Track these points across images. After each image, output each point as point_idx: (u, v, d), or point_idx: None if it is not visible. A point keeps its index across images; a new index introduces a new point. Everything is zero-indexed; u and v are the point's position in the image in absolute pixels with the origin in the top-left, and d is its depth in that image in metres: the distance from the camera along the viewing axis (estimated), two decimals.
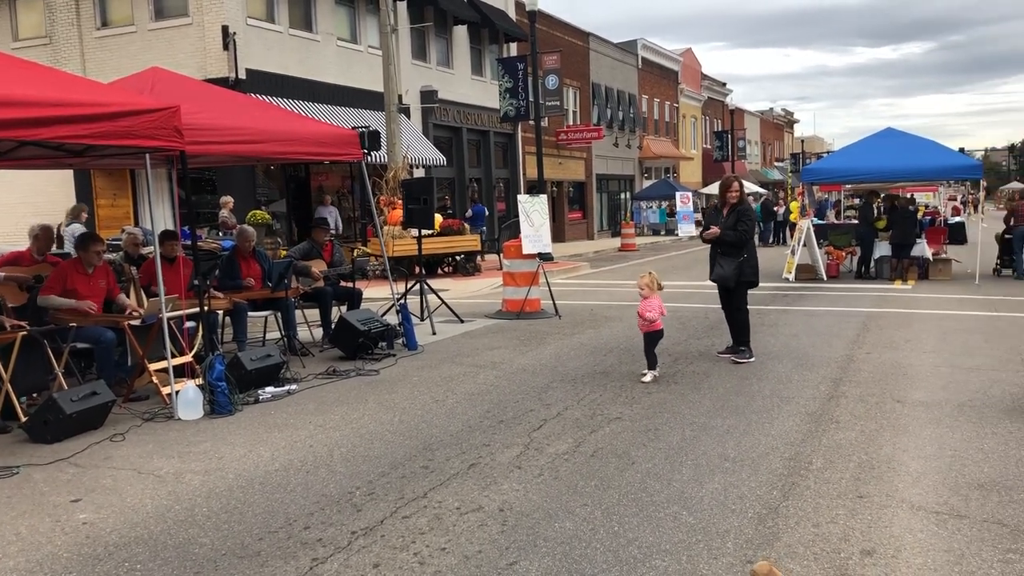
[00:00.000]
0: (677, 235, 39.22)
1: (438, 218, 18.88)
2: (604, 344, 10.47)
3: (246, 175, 19.54)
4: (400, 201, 14.67)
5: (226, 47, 19.08)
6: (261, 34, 20.14)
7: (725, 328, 9.68)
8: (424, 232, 12.63)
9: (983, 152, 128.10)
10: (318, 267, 10.78)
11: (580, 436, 6.40)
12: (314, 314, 10.96)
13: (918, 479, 5.31)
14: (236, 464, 5.92)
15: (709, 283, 9.75)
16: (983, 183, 21.68)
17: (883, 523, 4.61)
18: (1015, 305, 13.41)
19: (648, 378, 8.28)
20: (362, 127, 11.79)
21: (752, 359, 9.15)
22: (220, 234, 15.52)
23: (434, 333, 11.34)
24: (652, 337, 8.44)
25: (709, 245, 9.41)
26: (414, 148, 22.57)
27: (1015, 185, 71.91)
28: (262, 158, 11.01)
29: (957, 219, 31.26)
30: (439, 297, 12.56)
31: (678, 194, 40.82)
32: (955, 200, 42.18)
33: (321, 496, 5.21)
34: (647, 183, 46.12)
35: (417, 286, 12.20)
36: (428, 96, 25.68)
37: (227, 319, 9.94)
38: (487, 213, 26.26)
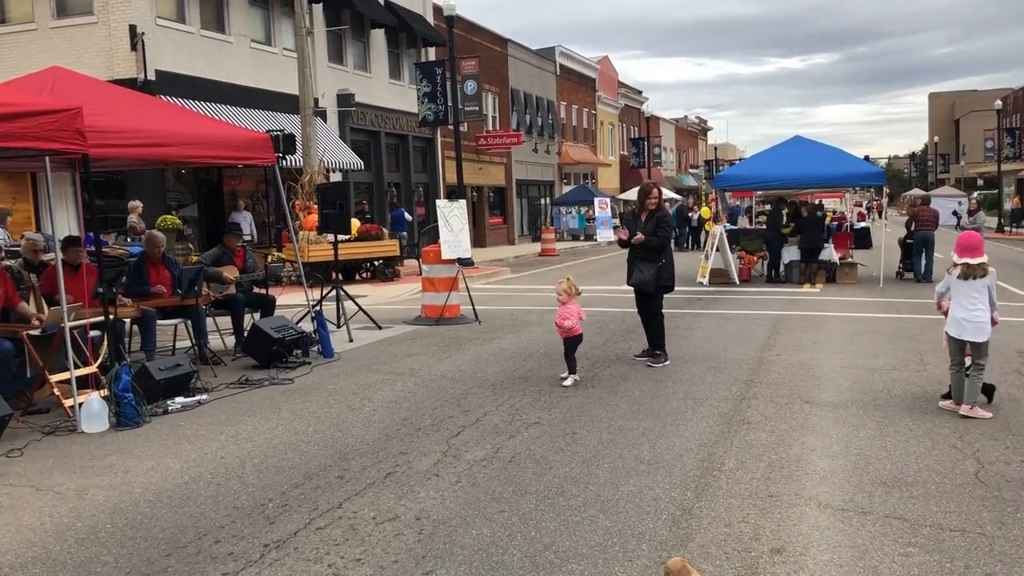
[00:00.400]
0: (596, 240, 39.67)
1: (356, 223, 18.67)
2: (524, 349, 10.49)
3: (156, 179, 18.98)
4: (316, 206, 14.44)
5: (134, 47, 18.51)
6: (171, 34, 19.60)
7: (642, 332, 9.81)
8: (341, 237, 12.46)
9: (887, 160, 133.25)
10: (230, 273, 10.52)
11: (498, 442, 6.39)
12: (226, 322, 10.70)
13: (825, 477, 5.47)
14: (143, 478, 5.72)
15: (627, 287, 9.87)
16: (886, 190, 22.53)
17: (792, 521, 4.73)
18: (916, 307, 13.96)
19: (568, 382, 8.34)
20: (276, 131, 11.57)
21: (667, 363, 9.30)
22: (128, 240, 15.03)
23: (351, 340, 11.19)
24: (571, 342, 8.50)
25: (627, 250, 9.52)
26: (331, 152, 22.28)
27: (916, 191, 75.02)
28: (171, 162, 10.70)
29: (863, 224, 32.36)
30: (356, 303, 12.40)
31: (596, 200, 41.32)
32: (861, 206, 43.80)
33: (232, 509, 5.07)
34: (566, 189, 46.54)
35: (333, 292, 12.02)
36: (345, 99, 25.40)
37: (135, 328, 9.62)
38: (408, 218, 26.09)
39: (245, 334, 10.10)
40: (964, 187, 64.36)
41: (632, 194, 47.80)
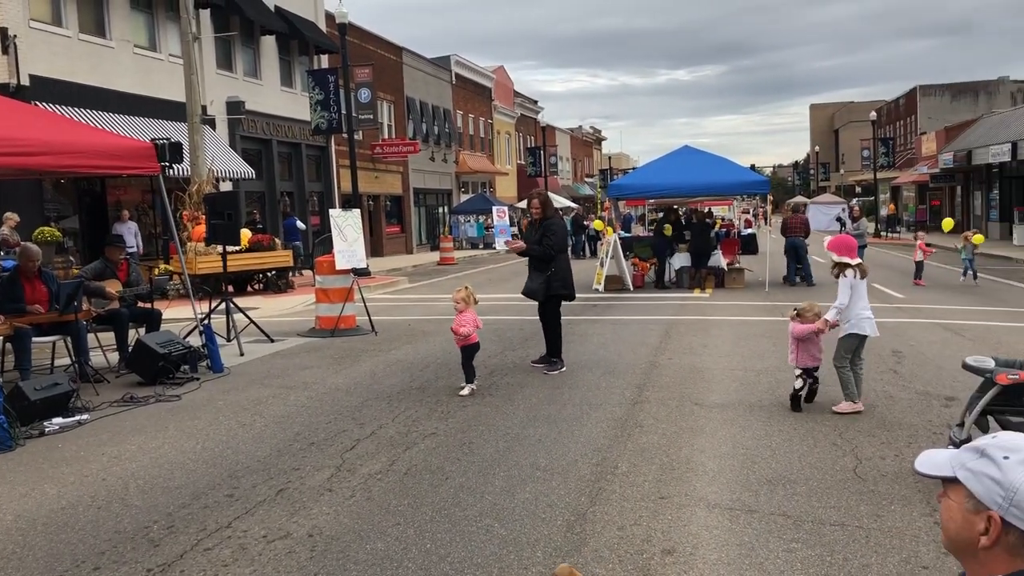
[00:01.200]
0: (495, 249, 39.83)
1: (246, 233, 18.23)
2: (421, 359, 10.43)
3: (32, 189, 18.04)
4: (204, 216, 14.01)
5: (5, 51, 17.57)
6: (47, 38, 18.70)
7: (541, 339, 9.89)
8: (230, 248, 12.12)
9: (772, 168, 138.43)
10: (113, 287, 10.09)
11: (394, 454, 6.32)
12: (109, 337, 10.26)
13: (714, 478, 5.62)
14: (15, 504, 5.41)
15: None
16: (770, 197, 23.40)
17: (682, 522, 4.84)
18: None
19: (465, 391, 8.32)
20: (162, 139, 11.15)
21: (563, 369, 9.40)
22: (2, 253, 14.24)
23: (242, 354, 10.89)
24: (468, 351, 8.50)
25: (527, 258, 9.59)
26: (220, 161, 21.67)
27: (800, 199, 78.26)
28: (47, 171, 10.20)
29: (749, 231, 33.59)
30: (247, 316, 12.08)
31: (495, 208, 41.48)
32: (748, 213, 45.35)
33: (114, 533, 4.86)
34: (464, 197, 46.58)
35: (223, 305, 11.68)
36: (235, 107, 24.77)
37: (7, 346, 9.12)
38: (302, 227, 25.61)
39: (129, 350, 9.70)
40: (844, 194, 67.48)
41: None
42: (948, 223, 22.74)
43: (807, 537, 4.57)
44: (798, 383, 7.41)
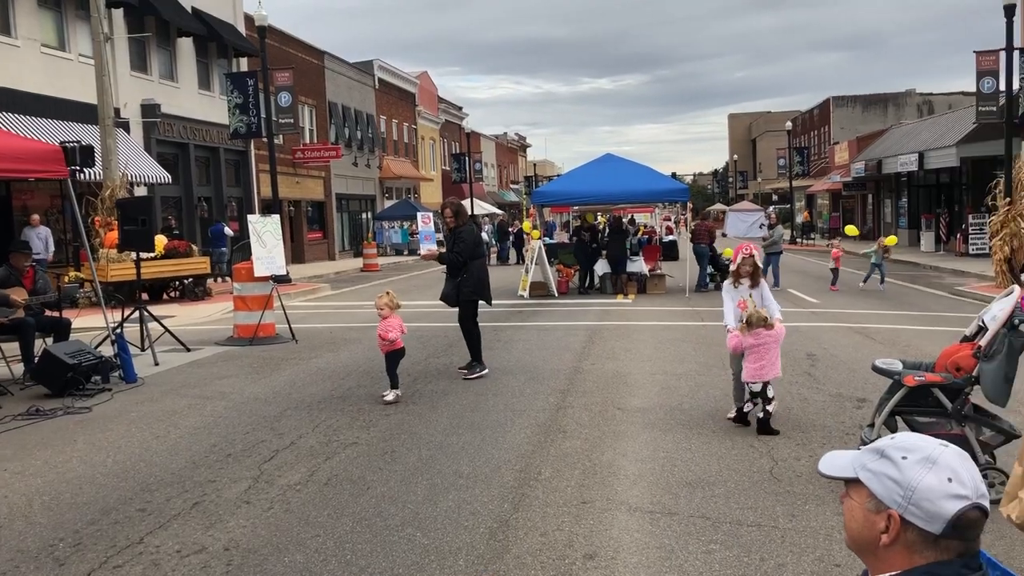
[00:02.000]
0: (420, 255, 39.58)
1: (162, 239, 17.73)
2: (343, 367, 10.28)
3: None
4: (117, 222, 13.57)
5: None
6: None
7: (464, 345, 9.86)
8: (145, 255, 11.76)
9: (692, 176, 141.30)
10: (18, 296, 9.68)
11: (314, 464, 6.21)
12: (13, 348, 9.83)
13: (635, 481, 5.68)
14: None
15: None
16: (690, 205, 23.85)
17: (604, 526, 4.87)
18: (718, 315, 14.79)
19: (390, 397, 8.23)
20: (72, 142, 10.77)
21: (483, 372, 9.40)
22: None
23: (156, 364, 10.57)
24: (393, 356, 8.41)
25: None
26: (134, 165, 21.04)
27: (719, 206, 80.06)
28: None
29: (670, 238, 34.19)
30: (162, 324, 11.73)
31: (419, 214, 41.10)
32: (669, 220, 46.11)
33: (16, 552, 4.64)
34: (389, 203, 46.22)
35: (137, 313, 11.32)
36: (150, 110, 24.10)
37: None
38: (229, 233, 25.04)
39: (35, 360, 9.31)
40: (761, 202, 69.23)
41: None
42: (851, 229, 23.59)
43: (725, 538, 4.65)
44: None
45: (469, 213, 10.48)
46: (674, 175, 58.11)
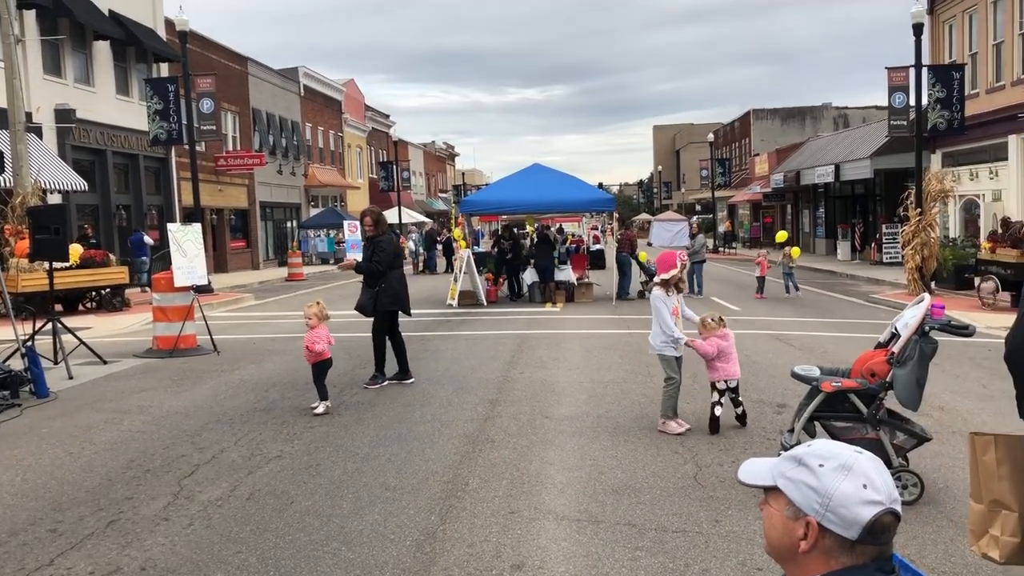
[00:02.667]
0: (337, 266, 39.14)
1: (77, 248, 17.16)
2: (267, 379, 10.08)
3: None
4: (29, 230, 13.07)
5: None
6: None
7: (390, 353, 9.76)
8: (59, 264, 11.35)
9: (618, 186, 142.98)
10: None
11: (236, 479, 6.07)
12: None
13: (563, 490, 5.70)
14: None
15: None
16: (616, 214, 24.15)
17: (532, 536, 4.87)
18: (644, 323, 15.01)
19: (321, 409, 8.10)
20: None
21: (383, 384, 9.39)
22: None
23: (71, 377, 10.20)
24: (321, 368, 8.29)
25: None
26: (48, 171, 20.32)
27: (644, 216, 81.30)
28: None
29: (598, 247, 34.57)
30: (76, 336, 11.33)
31: (346, 223, 40.81)
32: (596, 229, 46.61)
33: None
34: (314, 211, 45.60)
35: (49, 325, 10.91)
36: (64, 115, 23.30)
37: None
38: (149, 242, 24.34)
39: None
40: (685, 212, 70.52)
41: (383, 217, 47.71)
42: (782, 235, 24.24)
43: (651, 545, 4.70)
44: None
45: (389, 222, 10.40)
46: (601, 185, 58.87)
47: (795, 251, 20.42)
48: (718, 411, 7.14)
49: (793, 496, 1.64)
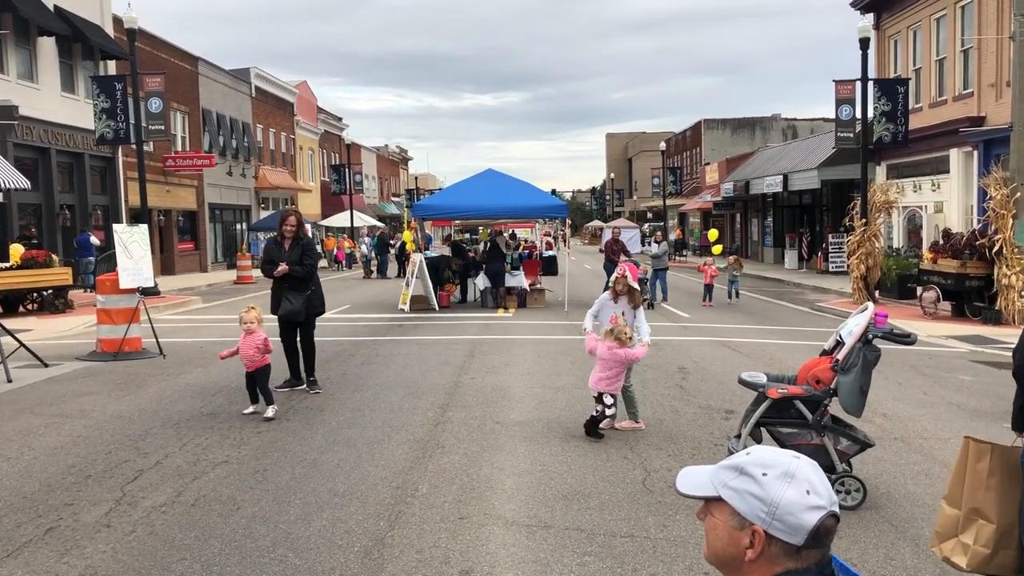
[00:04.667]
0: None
1: (18, 249, 16.74)
2: (214, 384, 9.92)
3: None
4: None
5: None
6: None
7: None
8: None
9: (571, 193, 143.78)
10: None
11: (181, 485, 5.96)
12: None
13: (512, 495, 5.70)
14: None
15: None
16: (568, 221, 24.26)
17: (481, 541, 4.86)
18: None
19: (270, 413, 7.97)
20: None
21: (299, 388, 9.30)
22: None
23: (9, 381, 9.92)
24: (264, 373, 8.17)
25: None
26: None
27: (596, 223, 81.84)
28: None
29: (550, 253, 34.70)
30: (15, 338, 11.03)
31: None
32: (549, 236, 46.80)
33: None
34: (265, 214, 45.02)
35: None
36: (6, 112, 22.70)
37: None
38: (96, 242, 23.79)
39: None
40: (636, 219, 71.19)
41: (335, 220, 47.37)
42: (713, 233, 24.64)
43: (599, 550, 4.72)
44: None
45: (341, 226, 10.28)
46: (554, 191, 59.12)
47: (717, 249, 20.96)
48: (596, 412, 7.24)
49: (738, 506, 1.65)
